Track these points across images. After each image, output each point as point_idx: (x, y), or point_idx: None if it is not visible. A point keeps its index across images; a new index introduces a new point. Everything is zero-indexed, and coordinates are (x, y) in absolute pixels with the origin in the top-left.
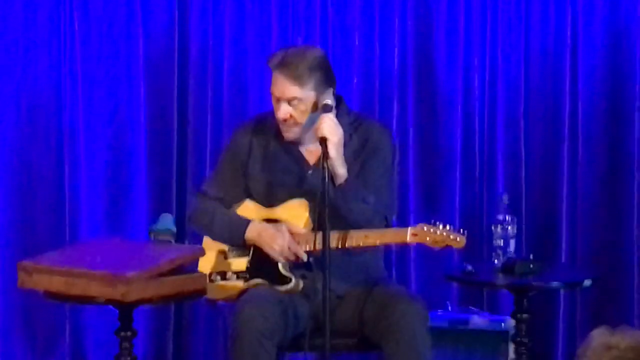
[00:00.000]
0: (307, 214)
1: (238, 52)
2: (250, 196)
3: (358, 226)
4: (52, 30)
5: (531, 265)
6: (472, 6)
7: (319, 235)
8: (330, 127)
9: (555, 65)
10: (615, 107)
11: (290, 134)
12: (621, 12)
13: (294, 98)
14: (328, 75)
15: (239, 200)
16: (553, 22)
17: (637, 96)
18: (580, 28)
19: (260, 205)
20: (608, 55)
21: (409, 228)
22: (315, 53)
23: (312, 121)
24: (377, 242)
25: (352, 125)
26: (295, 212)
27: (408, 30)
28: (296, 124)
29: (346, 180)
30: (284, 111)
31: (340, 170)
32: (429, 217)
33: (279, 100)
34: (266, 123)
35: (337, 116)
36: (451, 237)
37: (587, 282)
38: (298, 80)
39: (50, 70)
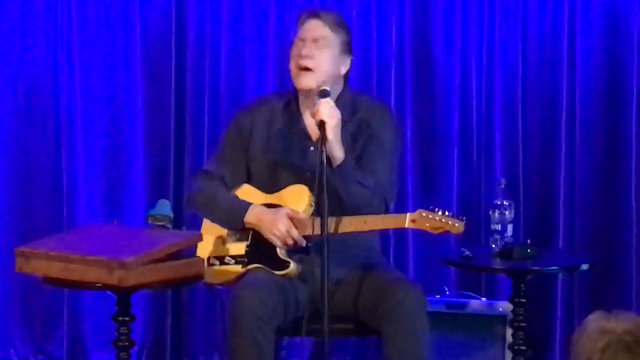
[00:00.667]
0: (306, 199)
1: (236, 36)
2: (250, 178)
3: (357, 209)
4: (49, 16)
5: (529, 250)
6: None
7: (318, 220)
8: (328, 110)
9: (553, 50)
10: (612, 91)
11: (305, 80)
12: None
13: (321, 37)
14: (350, 42)
15: (240, 180)
16: (550, 6)
17: (634, 80)
18: (577, 12)
19: (258, 190)
20: (606, 39)
21: (408, 214)
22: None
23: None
24: (376, 227)
25: (353, 106)
26: (295, 197)
27: (405, 15)
28: (315, 68)
29: (343, 162)
30: (308, 47)
31: (338, 153)
32: (427, 202)
33: (304, 41)
34: (269, 103)
35: (340, 96)
36: (450, 222)
37: (585, 267)
38: (330, 24)
39: (48, 56)
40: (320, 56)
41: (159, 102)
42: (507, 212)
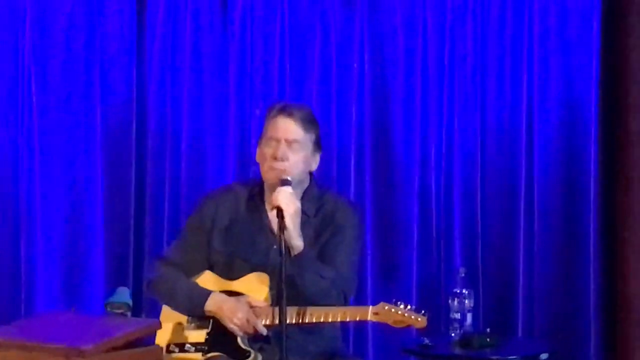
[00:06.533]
0: (267, 288)
1: (196, 123)
2: (211, 266)
3: (314, 299)
4: (10, 102)
5: (488, 339)
6: (429, 80)
7: (278, 309)
8: (286, 198)
9: (511, 139)
10: (570, 180)
11: (273, 174)
12: (576, 87)
13: (295, 140)
14: (320, 139)
15: (200, 268)
16: (509, 96)
17: (592, 169)
18: (535, 102)
19: (220, 278)
20: (563, 128)
21: (370, 307)
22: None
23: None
24: (338, 319)
25: (318, 201)
26: (256, 286)
27: (365, 103)
28: (288, 169)
29: (302, 252)
30: (283, 150)
31: (297, 242)
32: (386, 289)
33: (278, 141)
34: (233, 193)
35: (306, 190)
36: (412, 317)
37: (544, 356)
38: (302, 123)
39: (7, 142)
40: (294, 158)
41: (119, 189)
42: (466, 301)
